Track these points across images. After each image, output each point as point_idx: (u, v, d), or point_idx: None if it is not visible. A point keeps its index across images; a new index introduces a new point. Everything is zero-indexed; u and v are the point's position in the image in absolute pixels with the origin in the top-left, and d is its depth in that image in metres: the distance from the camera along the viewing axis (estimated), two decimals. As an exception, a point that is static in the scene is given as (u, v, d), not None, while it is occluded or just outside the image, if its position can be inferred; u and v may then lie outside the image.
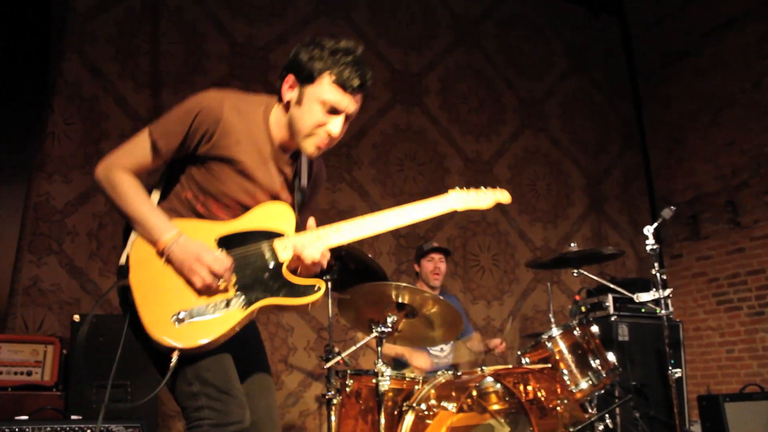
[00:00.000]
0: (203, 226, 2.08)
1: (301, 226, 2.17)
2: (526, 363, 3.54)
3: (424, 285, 4.46)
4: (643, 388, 4.10)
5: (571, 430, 3.24)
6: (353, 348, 3.31)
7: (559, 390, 3.48)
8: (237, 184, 2.10)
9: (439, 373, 3.48)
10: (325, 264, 2.11)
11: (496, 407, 3.58)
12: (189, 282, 1.97)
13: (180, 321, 1.91)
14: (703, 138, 6.73)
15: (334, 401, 3.26)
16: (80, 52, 5.02)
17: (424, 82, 6.45)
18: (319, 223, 2.18)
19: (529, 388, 3.59)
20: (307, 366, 5.24)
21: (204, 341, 1.91)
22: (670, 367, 3.44)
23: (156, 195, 2.15)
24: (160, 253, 1.97)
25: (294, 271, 2.10)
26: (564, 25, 7.39)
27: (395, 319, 3.29)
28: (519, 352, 3.63)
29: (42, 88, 4.93)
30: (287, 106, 2.12)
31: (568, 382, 3.41)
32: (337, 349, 3.44)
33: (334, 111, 2.07)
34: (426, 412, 3.23)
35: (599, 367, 3.43)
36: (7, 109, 4.80)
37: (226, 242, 2.06)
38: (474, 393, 3.52)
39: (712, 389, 6.11)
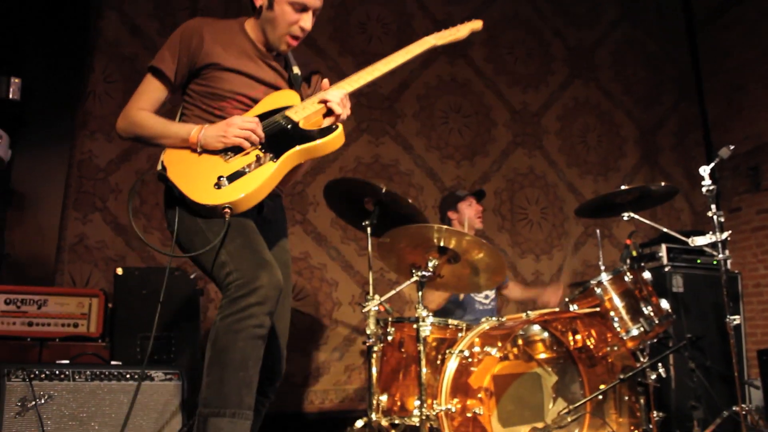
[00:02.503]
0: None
1: None
2: (575, 310, 3.41)
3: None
4: (698, 340, 3.92)
5: (621, 376, 3.10)
6: (393, 292, 3.22)
7: (609, 337, 3.36)
8: (239, 81, 2.36)
9: (483, 319, 3.38)
10: (347, 110, 2.36)
11: (543, 356, 3.48)
12: (226, 152, 2.22)
13: (219, 186, 2.15)
14: (765, 86, 6.38)
15: (375, 349, 3.18)
16: (119, 9, 4.99)
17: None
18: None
19: (578, 336, 3.48)
20: (353, 321, 5.20)
21: (246, 192, 2.14)
22: (728, 315, 3.26)
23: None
24: (195, 145, 2.22)
25: None
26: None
27: (436, 263, 3.20)
28: (567, 299, 3.50)
29: (82, 46, 4.92)
30: (259, 12, 2.39)
31: (619, 329, 3.27)
32: (376, 296, 3.35)
33: (303, 9, 2.35)
34: (470, 359, 3.15)
35: (652, 314, 3.28)
36: (49, 67, 4.82)
37: None
38: (519, 341, 3.43)
39: (772, 345, 5.87)
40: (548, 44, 6.61)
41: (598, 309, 3.30)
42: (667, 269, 4.57)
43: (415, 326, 3.10)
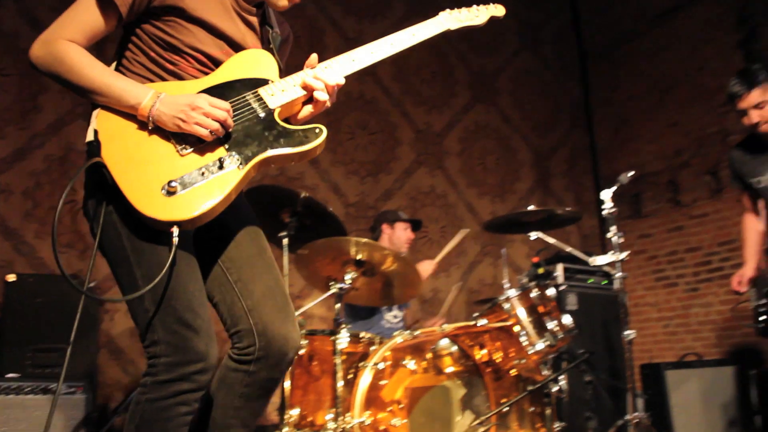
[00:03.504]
0: (176, 86, 1.84)
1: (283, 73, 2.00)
2: (484, 324, 3.52)
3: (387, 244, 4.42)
4: (591, 355, 4.14)
5: (530, 388, 3.23)
6: (310, 304, 3.22)
7: (515, 351, 3.49)
8: (204, 36, 1.88)
9: (396, 333, 3.43)
10: (334, 99, 1.96)
11: (451, 369, 3.56)
12: (183, 138, 1.76)
13: (171, 192, 1.68)
14: (649, 119, 6.86)
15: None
16: (18, 0, 4.74)
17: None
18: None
19: (485, 350, 3.59)
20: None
21: (205, 208, 1.70)
22: (624, 331, 3.48)
23: (113, 67, 1.89)
24: (145, 118, 1.73)
25: (287, 121, 1.93)
26: (517, 3, 7.39)
27: (354, 276, 3.23)
28: (475, 314, 3.61)
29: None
30: None
31: (525, 343, 3.40)
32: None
33: None
34: (383, 373, 3.18)
35: (556, 329, 3.44)
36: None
37: (213, 94, 1.85)
38: (429, 355, 3.50)
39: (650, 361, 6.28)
40: (453, 68, 6.83)
41: (506, 323, 3.42)
42: (562, 288, 4.81)
43: (332, 339, 3.10)
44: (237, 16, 1.96)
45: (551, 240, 3.79)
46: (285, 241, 3.26)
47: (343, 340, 3.09)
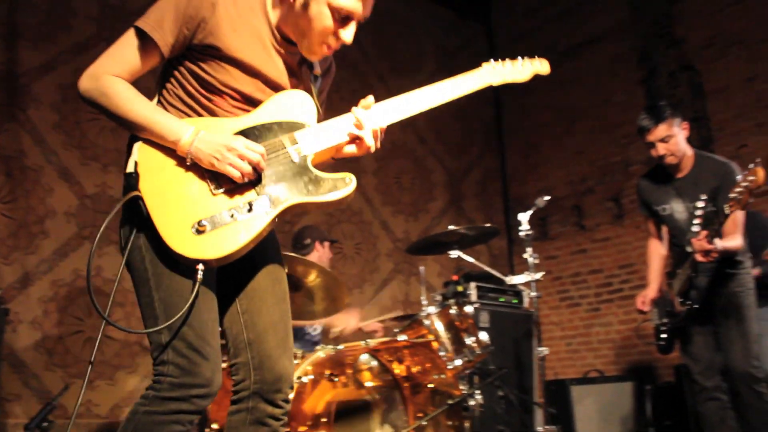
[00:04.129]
0: (214, 123, 1.86)
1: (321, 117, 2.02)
2: (404, 340, 3.60)
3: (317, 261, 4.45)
4: (500, 371, 4.30)
5: (450, 402, 3.33)
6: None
7: (434, 366, 3.58)
8: (238, 74, 1.89)
9: (319, 347, 3.46)
10: (378, 145, 2.01)
11: (370, 383, 3.62)
12: (216, 178, 1.79)
13: (200, 231, 1.73)
14: (557, 146, 7.21)
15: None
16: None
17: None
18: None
19: (404, 365, 3.67)
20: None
21: (231, 249, 1.73)
22: (538, 347, 3.64)
23: (155, 100, 1.94)
24: (184, 154, 1.77)
25: (320, 165, 1.95)
26: (435, 27, 7.65)
27: (281, 290, 3.24)
28: (396, 330, 3.68)
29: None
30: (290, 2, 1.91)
31: (445, 359, 3.51)
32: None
33: (346, 18, 1.90)
34: (305, 386, 3.20)
35: (474, 345, 3.56)
36: None
37: (243, 136, 1.85)
38: (349, 370, 3.55)
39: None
40: (371, 87, 6.94)
41: (427, 339, 3.52)
42: (475, 306, 4.96)
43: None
44: (276, 53, 1.95)
45: (470, 259, 3.93)
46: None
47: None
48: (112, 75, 1.81)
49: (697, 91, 6.10)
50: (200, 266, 1.72)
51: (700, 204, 3.18)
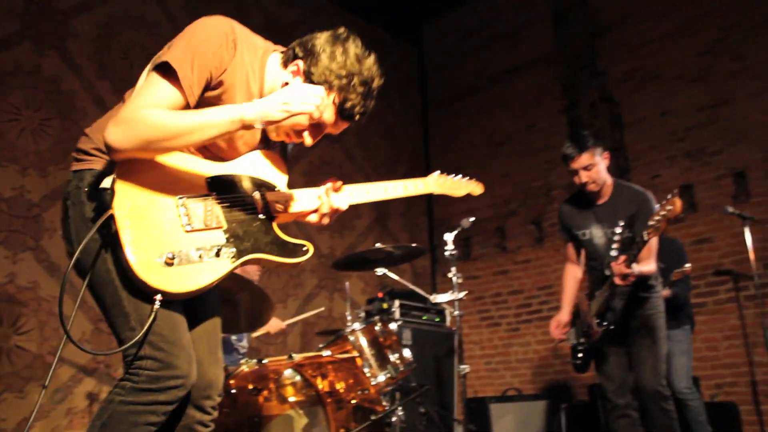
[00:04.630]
0: (194, 160, 1.88)
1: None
2: (328, 355, 3.61)
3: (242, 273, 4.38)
4: (422, 388, 4.36)
5: (373, 417, 3.35)
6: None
7: (357, 382, 3.60)
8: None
9: (242, 361, 3.42)
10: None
11: (294, 398, 3.60)
12: (189, 216, 1.80)
13: (168, 263, 1.71)
14: (482, 169, 7.37)
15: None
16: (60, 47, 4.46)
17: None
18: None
19: (328, 381, 3.67)
20: (80, 360, 4.84)
21: (192, 288, 1.75)
22: (460, 365, 3.71)
23: None
24: (252, 122, 1.75)
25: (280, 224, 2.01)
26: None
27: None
28: (320, 345, 3.69)
29: None
30: (288, 72, 1.96)
31: (369, 375, 3.53)
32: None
33: (317, 126, 1.98)
34: (228, 400, 3.17)
35: (397, 362, 3.60)
36: None
37: (218, 183, 1.89)
38: (272, 385, 3.53)
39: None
40: (303, 103, 6.95)
41: (352, 355, 3.53)
42: (399, 323, 5.02)
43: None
44: None
45: (396, 277, 3.97)
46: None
47: (191, 366, 3.03)
48: (148, 107, 1.73)
49: (615, 122, 6.39)
50: (158, 297, 1.72)
51: (618, 230, 3.33)
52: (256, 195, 1.95)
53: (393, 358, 3.63)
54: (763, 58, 5.61)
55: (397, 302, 5.17)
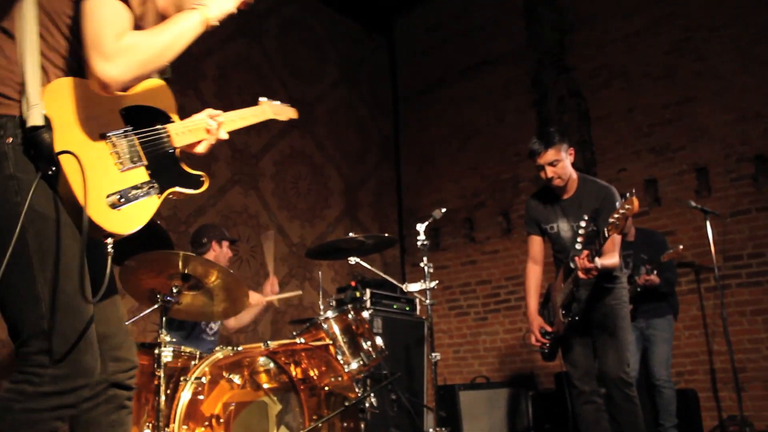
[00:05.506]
0: (106, 96, 1.78)
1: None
2: (302, 343, 3.66)
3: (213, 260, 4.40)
4: (394, 375, 4.43)
5: (347, 404, 3.41)
6: (137, 316, 3.16)
7: (331, 369, 3.66)
8: None
9: (217, 348, 3.45)
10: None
11: (267, 385, 3.65)
12: (119, 155, 1.73)
13: (116, 205, 1.68)
14: (451, 161, 7.48)
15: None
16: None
17: (202, 66, 6.34)
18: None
19: (301, 367, 3.72)
20: None
21: (137, 227, 1.73)
22: (432, 353, 3.79)
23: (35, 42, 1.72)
24: (216, 20, 1.81)
25: None
26: (339, 38, 7.77)
27: (180, 289, 3.22)
28: (294, 333, 3.73)
29: None
30: None
31: (342, 362, 3.59)
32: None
33: None
34: (203, 387, 3.20)
35: (370, 349, 3.66)
36: None
37: (130, 116, 1.82)
38: (245, 371, 3.57)
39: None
40: (274, 92, 6.95)
41: (325, 342, 3.59)
42: (370, 312, 5.08)
43: (156, 352, 3.07)
44: None
45: (368, 266, 4.03)
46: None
47: (167, 353, 3.06)
48: (122, 35, 1.66)
49: (583, 117, 6.52)
50: (110, 240, 1.67)
51: (583, 224, 3.42)
52: (167, 126, 1.91)
53: (366, 345, 3.70)
54: (725, 59, 5.78)
55: (368, 291, 5.23)
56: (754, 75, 5.61)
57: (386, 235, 4.03)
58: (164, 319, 3.15)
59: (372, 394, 3.70)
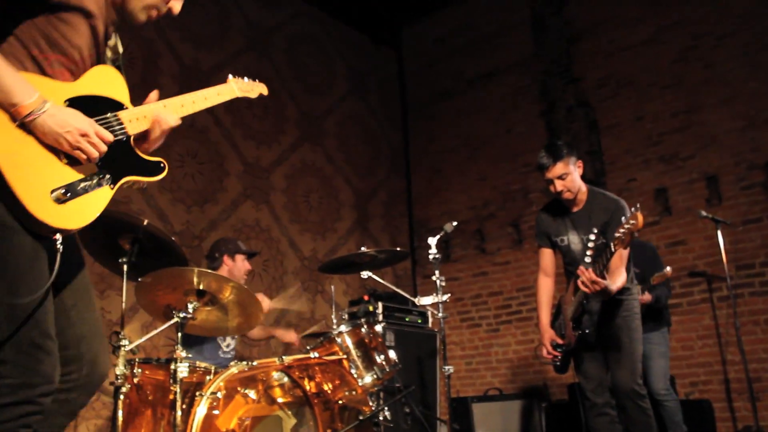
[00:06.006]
0: (49, 84, 1.75)
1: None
2: (316, 357, 3.67)
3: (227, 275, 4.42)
4: (408, 388, 4.44)
5: (361, 417, 3.42)
6: (155, 331, 3.19)
7: (344, 383, 3.67)
8: (87, 39, 1.83)
9: (232, 363, 3.48)
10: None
11: (282, 399, 3.67)
12: (61, 155, 1.70)
13: (61, 200, 1.67)
14: (460, 172, 7.49)
15: (123, 390, 3.08)
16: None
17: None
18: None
19: (315, 381, 3.74)
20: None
21: (88, 221, 1.72)
22: (444, 366, 3.80)
23: None
24: (20, 116, 1.62)
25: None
26: (348, 51, 7.82)
27: (196, 305, 3.25)
28: (308, 347, 3.75)
29: None
30: None
31: (356, 376, 3.60)
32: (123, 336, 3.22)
33: None
34: (218, 402, 3.22)
35: (383, 363, 3.68)
36: None
37: (77, 106, 1.77)
38: (260, 385, 3.59)
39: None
40: (284, 106, 7.02)
41: (340, 357, 3.60)
42: (382, 325, 5.10)
43: (173, 368, 3.09)
44: (103, 27, 1.92)
45: (380, 280, 4.05)
46: (125, 267, 3.19)
47: (183, 369, 3.08)
48: None
49: (592, 127, 6.54)
50: (58, 236, 1.66)
51: (592, 237, 3.43)
52: (119, 114, 1.89)
53: (379, 359, 3.71)
54: (733, 66, 5.79)
55: (380, 304, 5.25)
56: (763, 81, 5.62)
57: (398, 249, 4.05)
58: (180, 335, 3.17)
59: (386, 408, 3.71)
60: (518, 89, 7.15)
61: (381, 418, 3.62)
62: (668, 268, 4.77)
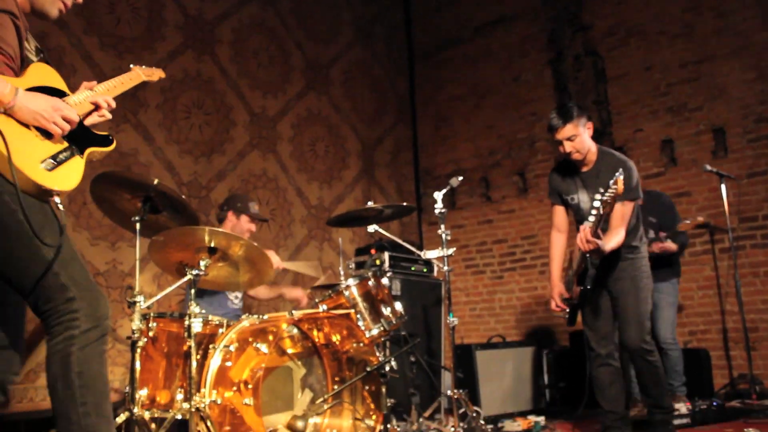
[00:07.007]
0: (9, 79, 2.03)
1: None
2: (324, 310, 3.78)
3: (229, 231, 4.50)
4: (412, 338, 4.56)
5: (369, 368, 3.55)
6: (169, 289, 3.29)
7: (351, 334, 3.79)
8: (15, 39, 2.08)
9: (244, 317, 3.58)
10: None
11: (292, 350, 3.80)
12: (37, 133, 2.01)
13: (50, 167, 2.00)
14: (467, 120, 7.49)
15: (139, 344, 3.20)
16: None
17: (217, 31, 6.35)
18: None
19: (324, 333, 3.86)
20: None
21: (73, 185, 2.05)
22: (449, 316, 3.91)
23: None
24: (3, 106, 1.93)
25: None
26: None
27: (208, 262, 3.34)
28: (316, 300, 3.85)
29: None
30: None
31: (363, 328, 3.71)
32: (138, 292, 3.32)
33: None
34: (231, 354, 3.34)
35: (390, 315, 3.78)
36: None
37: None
38: (270, 337, 3.71)
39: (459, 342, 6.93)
40: (289, 54, 6.97)
41: (347, 310, 3.70)
42: (388, 275, 5.19)
43: (186, 322, 3.20)
44: (23, 26, 2.15)
45: (387, 234, 4.13)
46: (137, 226, 3.27)
47: (197, 323, 3.19)
48: None
49: (599, 76, 6.50)
50: (56, 197, 2.00)
51: (598, 196, 3.48)
52: (66, 99, 2.17)
53: (386, 311, 3.82)
54: (745, 16, 5.71)
55: (386, 254, 5.34)
56: (775, 33, 5.56)
57: (404, 204, 4.11)
58: (193, 291, 3.27)
59: (392, 359, 3.83)
60: (526, 37, 7.08)
61: (387, 368, 3.74)
62: (700, 218, 4.87)
